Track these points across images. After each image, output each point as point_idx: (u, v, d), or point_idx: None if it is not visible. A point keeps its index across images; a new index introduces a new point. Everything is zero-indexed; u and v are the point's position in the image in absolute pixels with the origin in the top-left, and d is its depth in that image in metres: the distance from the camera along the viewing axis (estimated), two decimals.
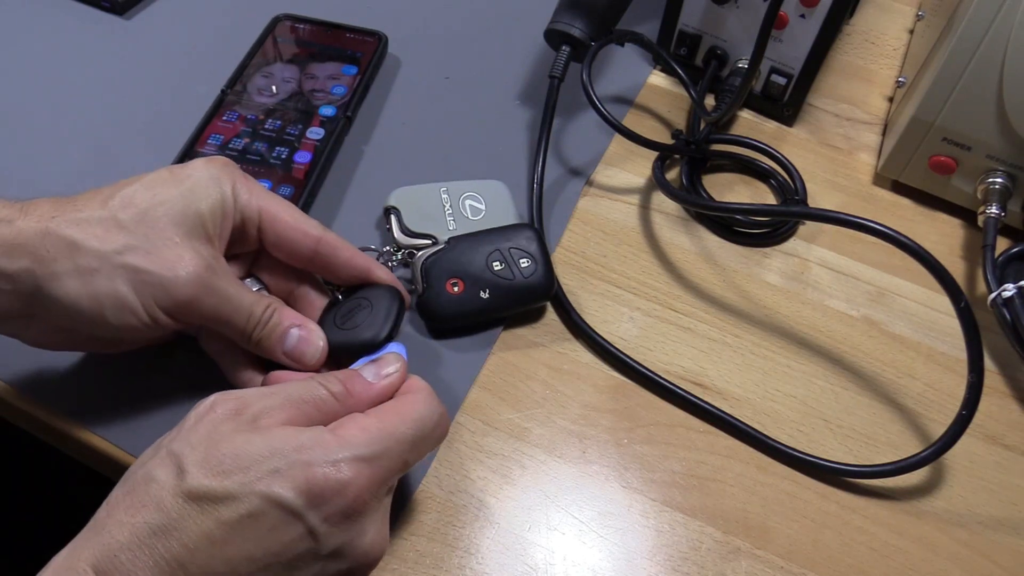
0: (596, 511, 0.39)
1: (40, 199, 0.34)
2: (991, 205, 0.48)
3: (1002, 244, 0.50)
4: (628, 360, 0.44)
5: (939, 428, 0.40)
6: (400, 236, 0.45)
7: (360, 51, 0.56)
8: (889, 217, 0.53)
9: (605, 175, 0.53)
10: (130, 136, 0.51)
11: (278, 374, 0.37)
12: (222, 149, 0.49)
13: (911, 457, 0.40)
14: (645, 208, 0.52)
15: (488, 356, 0.44)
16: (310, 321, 0.38)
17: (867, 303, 0.48)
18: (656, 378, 0.43)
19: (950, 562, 0.39)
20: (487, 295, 0.43)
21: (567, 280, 0.47)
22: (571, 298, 0.46)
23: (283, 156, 0.49)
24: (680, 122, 0.56)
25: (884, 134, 0.57)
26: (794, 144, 0.56)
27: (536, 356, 0.44)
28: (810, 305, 0.48)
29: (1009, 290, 0.43)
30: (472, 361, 0.44)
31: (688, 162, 0.53)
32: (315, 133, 0.50)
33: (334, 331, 0.38)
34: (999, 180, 0.48)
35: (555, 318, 0.46)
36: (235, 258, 0.39)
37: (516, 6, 0.62)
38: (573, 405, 0.43)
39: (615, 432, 0.42)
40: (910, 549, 0.40)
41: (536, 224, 0.48)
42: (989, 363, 0.46)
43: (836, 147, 0.56)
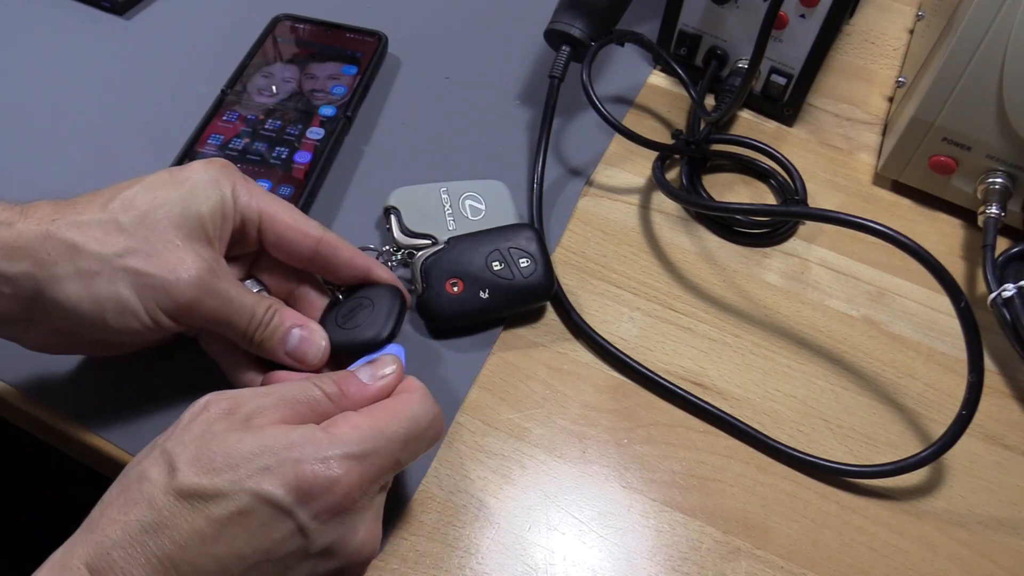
0: (596, 511, 0.39)
1: (40, 202, 0.34)
2: (991, 205, 0.48)
3: (1002, 244, 0.50)
4: (628, 360, 0.44)
5: (939, 428, 0.40)
6: (400, 236, 0.45)
7: (360, 51, 0.56)
8: (889, 217, 0.53)
9: (605, 175, 0.53)
10: (130, 136, 0.51)
11: (278, 374, 0.37)
12: (222, 149, 0.49)
13: (911, 457, 0.40)
14: (645, 208, 0.52)
15: (488, 356, 0.44)
16: (311, 321, 0.38)
17: (867, 303, 0.48)
18: (656, 378, 0.43)
19: (950, 562, 0.39)
20: (487, 295, 0.43)
21: (567, 280, 0.47)
22: (571, 298, 0.46)
23: (283, 156, 0.49)
24: (680, 122, 0.56)
25: (884, 134, 0.57)
26: (794, 144, 0.56)
27: (536, 356, 0.44)
28: (810, 305, 0.48)
29: (1009, 290, 0.43)
30: (472, 361, 0.44)
31: (688, 162, 0.53)
32: (315, 133, 0.50)
33: (336, 331, 0.38)
34: (999, 180, 0.48)
35: (555, 318, 0.46)
36: (235, 260, 0.39)
37: (516, 6, 0.62)
38: (573, 405, 0.43)
39: (615, 432, 0.42)
40: (910, 549, 0.40)
41: (536, 224, 0.48)
42: (989, 363, 0.46)
43: (836, 147, 0.56)
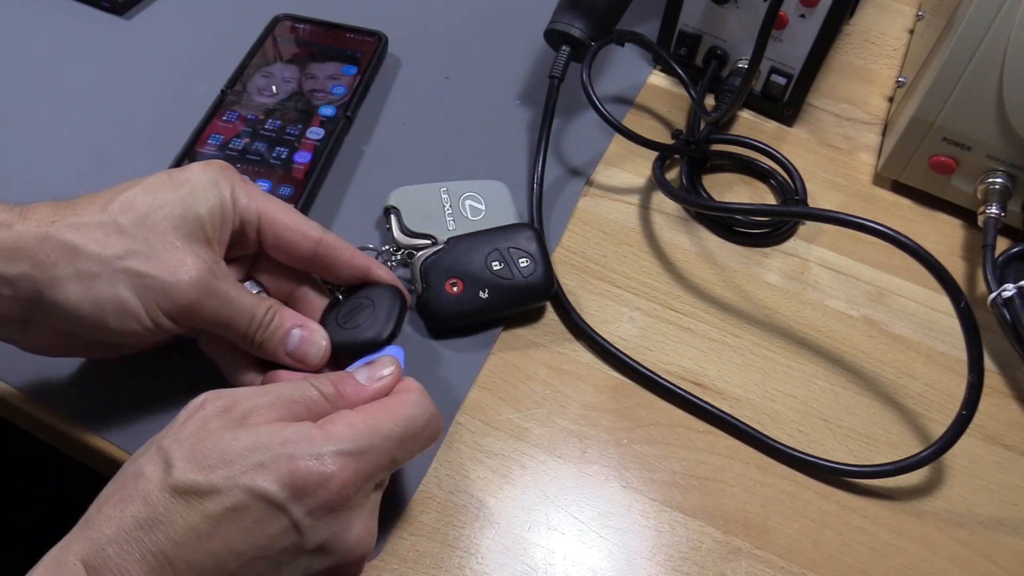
0: (596, 511, 0.39)
1: (39, 203, 0.34)
2: (991, 205, 0.48)
3: (1002, 244, 0.50)
4: (628, 360, 0.44)
5: (939, 428, 0.40)
6: (400, 236, 0.45)
7: (360, 51, 0.56)
8: (889, 217, 0.53)
9: (605, 175, 0.53)
10: (130, 136, 0.51)
11: (277, 373, 0.37)
12: (222, 149, 0.49)
13: (911, 457, 0.40)
14: (645, 208, 0.52)
15: (488, 356, 0.44)
16: (311, 321, 0.38)
17: (867, 303, 0.48)
18: (656, 378, 0.43)
19: (950, 562, 0.39)
20: (486, 295, 0.43)
21: (567, 280, 0.47)
22: (571, 298, 0.46)
23: (283, 156, 0.49)
24: (680, 122, 0.56)
25: (884, 134, 0.57)
26: (794, 144, 0.56)
27: (536, 356, 0.44)
28: (810, 305, 0.48)
29: (1009, 290, 0.43)
30: (472, 361, 0.44)
31: (688, 162, 0.53)
32: (315, 133, 0.50)
33: (336, 331, 0.38)
34: (999, 180, 0.48)
35: (555, 318, 0.46)
36: (234, 261, 0.39)
37: (516, 6, 0.62)
38: (573, 405, 0.43)
39: (615, 432, 0.42)
40: (910, 549, 0.40)
41: (536, 224, 0.48)
42: (989, 363, 0.46)
43: (836, 147, 0.56)
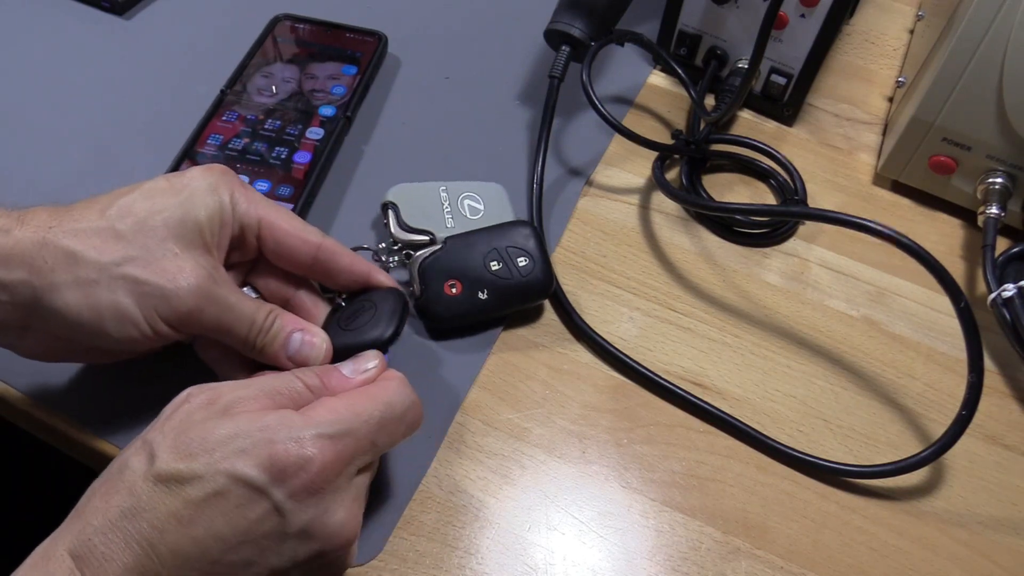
0: (596, 511, 0.39)
1: (37, 208, 0.34)
2: (991, 205, 0.48)
3: (1002, 244, 0.50)
4: (628, 360, 0.44)
5: (939, 428, 0.40)
6: (397, 231, 0.45)
7: (360, 51, 0.56)
8: (889, 217, 0.53)
9: (605, 175, 0.53)
10: (130, 136, 0.51)
11: (266, 372, 0.37)
12: (222, 149, 0.49)
13: (911, 457, 0.40)
14: (645, 208, 0.52)
15: (488, 356, 0.44)
16: (312, 325, 0.38)
17: (867, 303, 0.48)
18: (656, 378, 0.43)
19: (950, 562, 0.39)
20: (485, 295, 0.43)
21: (567, 280, 0.47)
22: (571, 298, 0.46)
23: (283, 156, 0.49)
24: (680, 122, 0.56)
25: (884, 134, 0.57)
26: (794, 144, 0.56)
27: (536, 356, 0.44)
28: (810, 305, 0.48)
29: (1009, 290, 0.43)
30: (472, 361, 0.44)
31: (688, 162, 0.53)
32: (315, 133, 0.50)
33: (339, 334, 0.38)
34: (999, 180, 0.48)
35: (555, 318, 0.46)
36: (232, 267, 0.38)
37: (516, 6, 0.62)
38: (573, 405, 0.43)
39: (615, 432, 0.42)
40: (910, 549, 0.40)
41: (536, 224, 0.48)
42: (989, 363, 0.46)
43: (836, 147, 0.56)
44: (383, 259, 0.45)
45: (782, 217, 0.50)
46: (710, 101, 0.57)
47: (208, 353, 0.38)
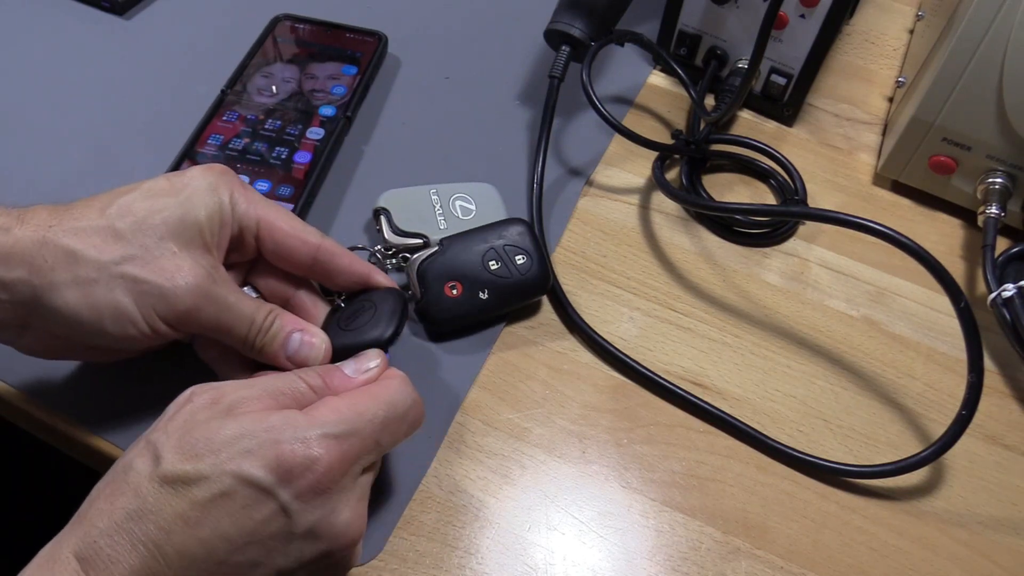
0: (596, 511, 0.40)
1: (37, 207, 0.34)
2: (991, 205, 0.48)
3: (1002, 244, 0.50)
4: (628, 360, 0.44)
5: (939, 428, 0.40)
6: (391, 236, 0.45)
7: (360, 51, 0.56)
8: (889, 217, 0.53)
9: (605, 175, 0.53)
10: (130, 136, 0.51)
11: (267, 371, 0.37)
12: (222, 149, 0.49)
13: (911, 457, 0.40)
14: (645, 208, 0.52)
15: (488, 356, 0.44)
16: (312, 325, 0.38)
17: (867, 303, 0.48)
18: (656, 378, 0.43)
19: (950, 562, 0.39)
20: (486, 295, 0.43)
21: (567, 280, 0.47)
22: (571, 298, 0.46)
23: (283, 156, 0.49)
24: (680, 122, 0.56)
25: (884, 134, 0.57)
26: (794, 144, 0.56)
27: (536, 356, 0.44)
28: (810, 305, 0.48)
29: (1009, 290, 0.43)
30: (472, 361, 0.44)
31: (688, 162, 0.53)
32: (315, 133, 0.50)
33: (339, 334, 0.38)
34: (999, 180, 0.48)
35: (555, 318, 0.46)
36: (232, 267, 0.38)
37: (516, 6, 0.62)
38: (573, 405, 0.43)
39: (615, 432, 0.42)
40: (910, 549, 0.40)
41: (536, 224, 0.48)
42: (989, 363, 0.46)
43: (836, 147, 0.56)
44: (380, 259, 0.45)
45: (782, 217, 0.50)
46: (710, 101, 0.57)
47: (208, 353, 0.38)
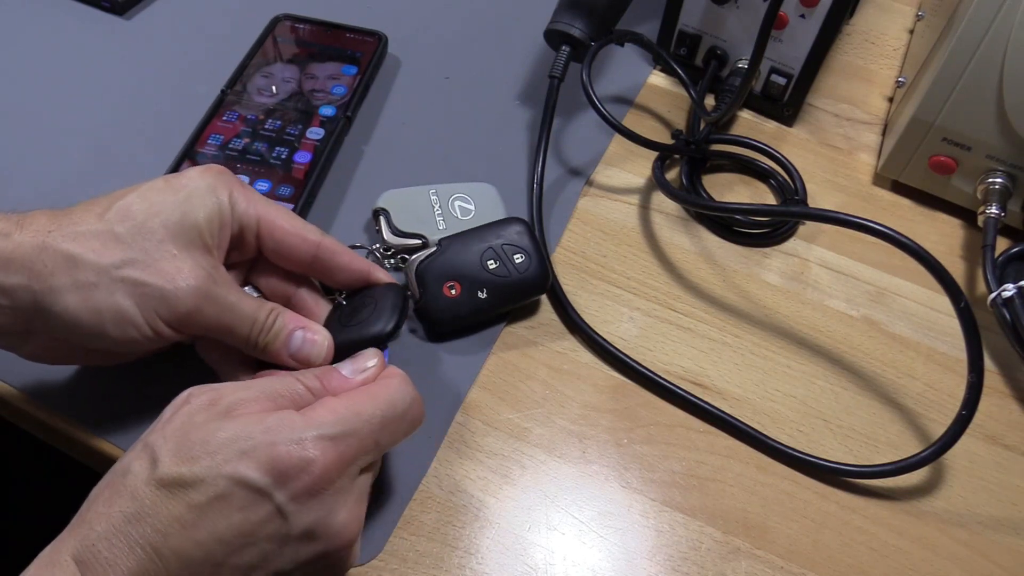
0: (596, 511, 0.40)
1: (36, 212, 0.34)
2: (991, 205, 0.48)
3: (1002, 244, 0.50)
4: (628, 360, 0.44)
5: (939, 428, 0.40)
6: (390, 236, 0.45)
7: (360, 51, 0.56)
8: (889, 217, 0.53)
9: (605, 175, 0.53)
10: (130, 136, 0.51)
11: (268, 372, 0.37)
12: (222, 149, 0.49)
13: (911, 457, 0.40)
14: (645, 208, 0.52)
15: (488, 356, 0.44)
16: (313, 323, 0.38)
17: (867, 303, 0.48)
18: (656, 378, 0.43)
19: (950, 562, 0.39)
20: (485, 295, 0.43)
21: (567, 280, 0.47)
22: (571, 298, 0.46)
23: (283, 156, 0.49)
24: (680, 122, 0.56)
25: (884, 134, 0.57)
26: (794, 144, 0.56)
27: (536, 356, 0.44)
28: (810, 305, 0.48)
29: (1009, 290, 0.43)
30: (472, 361, 0.44)
31: (688, 162, 0.53)
32: (315, 133, 0.51)
33: (340, 330, 0.38)
34: (999, 180, 0.48)
35: (555, 318, 0.46)
36: (233, 266, 0.38)
37: (516, 6, 0.62)
38: (573, 405, 0.43)
39: (615, 432, 0.42)
40: (910, 549, 0.40)
41: (536, 224, 0.48)
42: (989, 363, 0.46)
43: (836, 147, 0.56)
44: (379, 259, 0.45)
45: (782, 217, 0.50)
46: (710, 101, 0.57)
47: (210, 354, 0.38)
